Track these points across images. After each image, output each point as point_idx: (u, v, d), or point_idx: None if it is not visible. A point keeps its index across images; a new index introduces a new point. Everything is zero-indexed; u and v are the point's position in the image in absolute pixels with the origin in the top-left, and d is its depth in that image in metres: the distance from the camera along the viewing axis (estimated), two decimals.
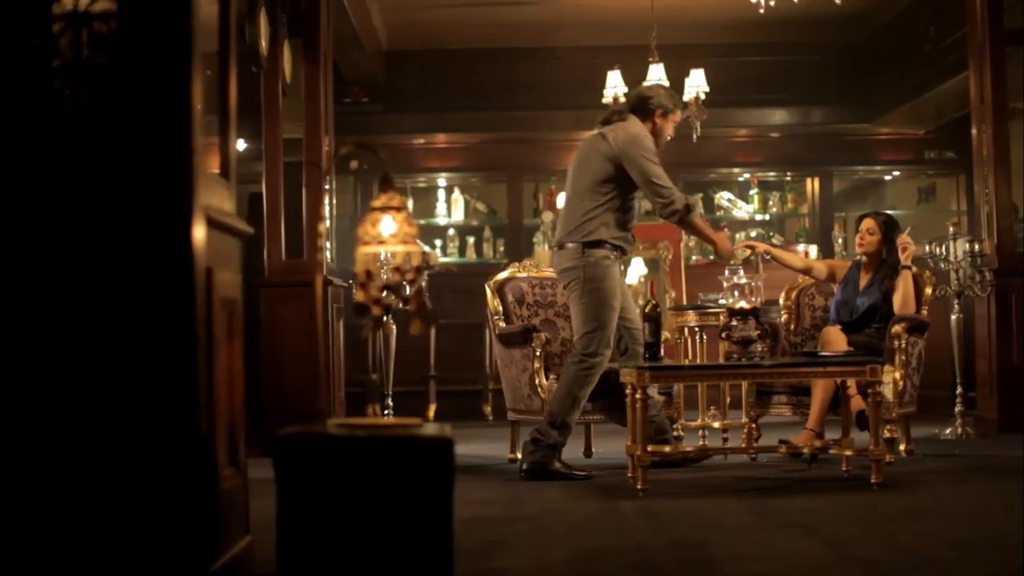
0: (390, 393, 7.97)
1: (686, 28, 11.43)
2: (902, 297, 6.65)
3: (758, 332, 5.82)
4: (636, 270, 10.61)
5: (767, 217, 12.96)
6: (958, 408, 7.81)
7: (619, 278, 6.27)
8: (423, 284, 3.40)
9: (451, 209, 12.87)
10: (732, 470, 6.31)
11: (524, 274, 7.11)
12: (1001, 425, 7.88)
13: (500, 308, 6.89)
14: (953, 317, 7.98)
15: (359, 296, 3.42)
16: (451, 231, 12.82)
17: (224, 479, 3.42)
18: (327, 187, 7.97)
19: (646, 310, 5.98)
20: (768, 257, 6.79)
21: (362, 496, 3.18)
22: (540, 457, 6.00)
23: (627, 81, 9.58)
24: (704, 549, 4.06)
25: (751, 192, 12.86)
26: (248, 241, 3.73)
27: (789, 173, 12.98)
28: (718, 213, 12.92)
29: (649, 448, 5.93)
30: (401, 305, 3.43)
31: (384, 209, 3.44)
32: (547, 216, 12.20)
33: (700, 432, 7.25)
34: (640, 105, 6.36)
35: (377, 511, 3.17)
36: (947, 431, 7.77)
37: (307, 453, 3.22)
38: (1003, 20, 8.12)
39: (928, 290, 6.81)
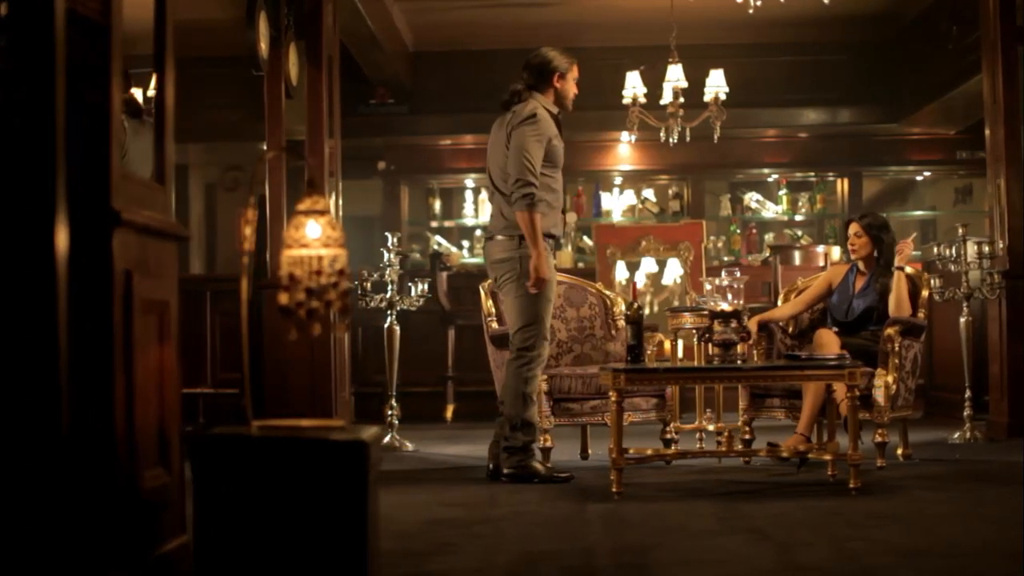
0: (394, 394, 7.98)
1: (711, 28, 11.38)
2: (895, 299, 6.58)
3: (740, 335, 5.78)
4: (672, 271, 10.59)
5: (802, 217, 12.86)
6: (966, 412, 7.72)
7: (553, 269, 6.16)
8: (348, 286, 3.41)
9: (478, 210, 12.89)
10: (720, 473, 6.26)
11: None
12: (1011, 429, 7.75)
13: (493, 310, 6.89)
14: (962, 320, 7.87)
15: (283, 299, 3.44)
16: (478, 232, 12.84)
17: (149, 479, 3.46)
18: (333, 185, 8.03)
19: (627, 312, 5.96)
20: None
21: (276, 496, 3.21)
22: (516, 462, 5.97)
23: (646, 82, 9.57)
24: (649, 554, 4.04)
25: (780, 193, 12.76)
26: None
27: (818, 173, 12.86)
28: (746, 214, 12.85)
29: (631, 451, 5.95)
30: (324, 308, 3.45)
31: (308, 213, 3.46)
32: (570, 217, 12.18)
33: (697, 435, 7.20)
34: (538, 76, 6.21)
35: (291, 511, 3.19)
36: (955, 435, 7.67)
37: (222, 454, 3.25)
38: (1015, 19, 7.99)
39: (925, 292, 6.72)
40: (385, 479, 6.28)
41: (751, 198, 12.80)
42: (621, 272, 10.85)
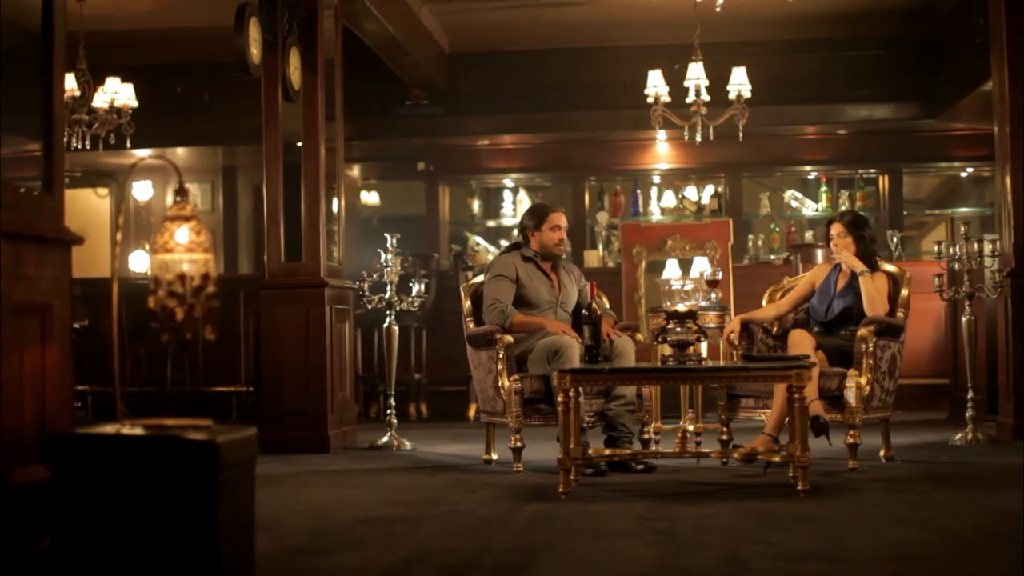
0: (393, 393, 8.06)
1: (745, 26, 11.32)
2: (867, 299, 6.51)
3: (696, 335, 5.77)
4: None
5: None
6: (968, 413, 7.58)
7: None
8: (212, 290, 3.49)
9: (517, 209, 12.94)
10: (691, 474, 6.24)
11: None
12: (1016, 431, 7.58)
13: (472, 310, 6.94)
14: (964, 319, 7.75)
15: (150, 303, 3.54)
16: (516, 232, 12.87)
17: (21, 476, 3.57)
18: (336, 188, 8.13)
19: (585, 313, 5.97)
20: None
21: (129, 494, 3.30)
22: None
23: (679, 80, 9.57)
24: (539, 555, 4.06)
25: (820, 190, 12.62)
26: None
27: (858, 171, 12.68)
28: (786, 212, 12.73)
29: (591, 451, 5.97)
30: (187, 311, 3.54)
31: (174, 219, 3.55)
32: (602, 216, 12.18)
33: (680, 435, 7.16)
34: (520, 235, 6.99)
35: (143, 509, 3.28)
36: (956, 437, 7.55)
37: (76, 453, 3.35)
38: (1022, 15, 7.81)
39: (904, 291, 6.62)
40: (354, 477, 6.40)
41: (790, 196, 12.68)
42: (671, 270, 10.80)
